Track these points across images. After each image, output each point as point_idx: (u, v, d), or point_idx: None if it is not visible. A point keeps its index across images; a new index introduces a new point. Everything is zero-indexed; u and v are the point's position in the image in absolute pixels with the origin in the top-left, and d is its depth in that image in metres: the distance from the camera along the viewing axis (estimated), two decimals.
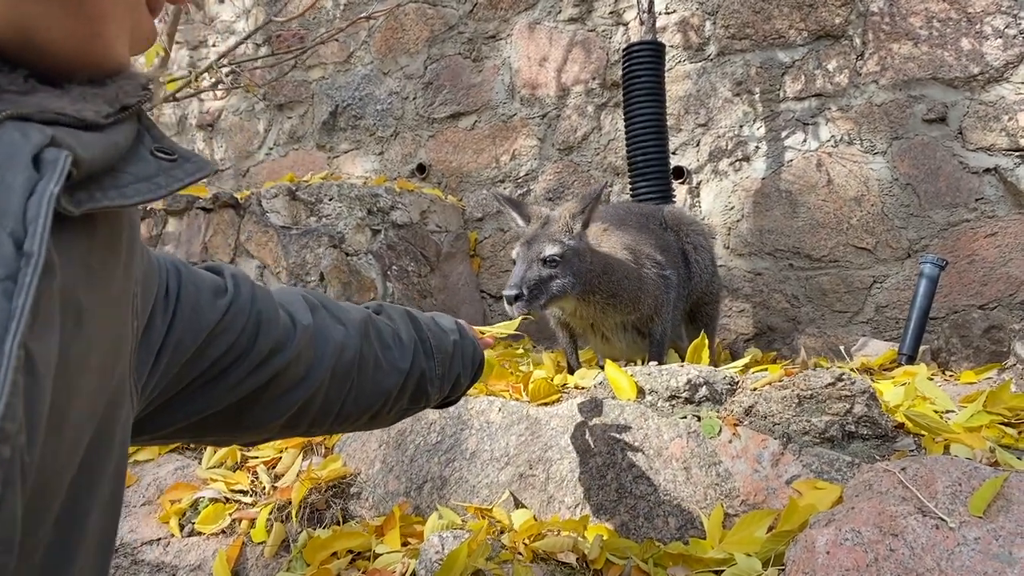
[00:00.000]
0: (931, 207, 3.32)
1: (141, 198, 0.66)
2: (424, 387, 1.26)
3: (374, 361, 1.16)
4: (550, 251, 2.16)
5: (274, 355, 0.98)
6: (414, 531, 1.70)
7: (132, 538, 1.82)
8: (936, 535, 1.27)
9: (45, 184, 0.55)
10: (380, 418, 1.24)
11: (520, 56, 4.22)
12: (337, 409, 1.12)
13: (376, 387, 1.17)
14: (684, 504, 1.61)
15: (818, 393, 1.67)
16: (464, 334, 1.38)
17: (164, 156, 0.71)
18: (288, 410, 1.04)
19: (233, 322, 0.93)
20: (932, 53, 3.34)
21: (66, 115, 0.62)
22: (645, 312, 2.38)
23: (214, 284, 0.94)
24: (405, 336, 1.24)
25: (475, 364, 1.40)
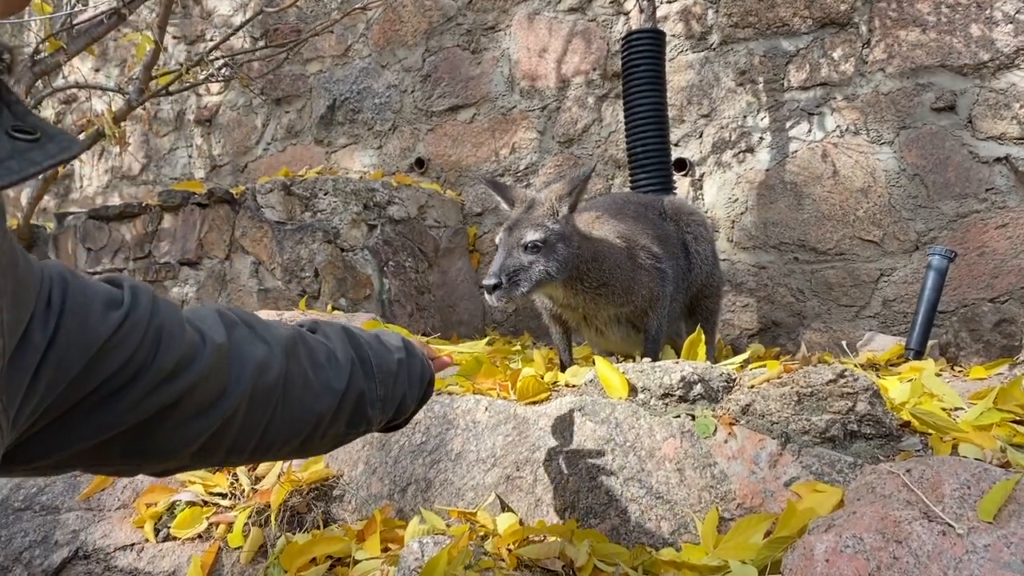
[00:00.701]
0: (940, 198, 3.23)
1: None
2: (363, 409, 1.17)
3: (303, 382, 1.06)
4: (531, 237, 2.05)
5: (178, 373, 0.89)
6: (396, 536, 1.63)
7: (105, 543, 1.75)
8: (943, 542, 1.19)
9: None
10: (312, 444, 1.14)
11: (519, 47, 4.14)
12: (259, 435, 1.02)
13: (306, 410, 1.07)
14: (677, 507, 1.53)
15: (819, 390, 1.58)
16: (412, 352, 1.29)
17: (23, 136, 0.65)
18: (200, 436, 0.94)
19: (128, 336, 0.84)
20: (940, 40, 3.24)
21: None
22: (639, 304, 2.29)
23: (107, 295, 0.85)
24: (341, 355, 1.15)
25: (423, 384, 1.30)
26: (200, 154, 5.26)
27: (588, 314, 2.29)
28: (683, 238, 2.65)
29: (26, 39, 5.81)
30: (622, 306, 2.27)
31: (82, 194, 5.81)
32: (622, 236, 2.35)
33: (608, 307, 2.26)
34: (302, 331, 1.13)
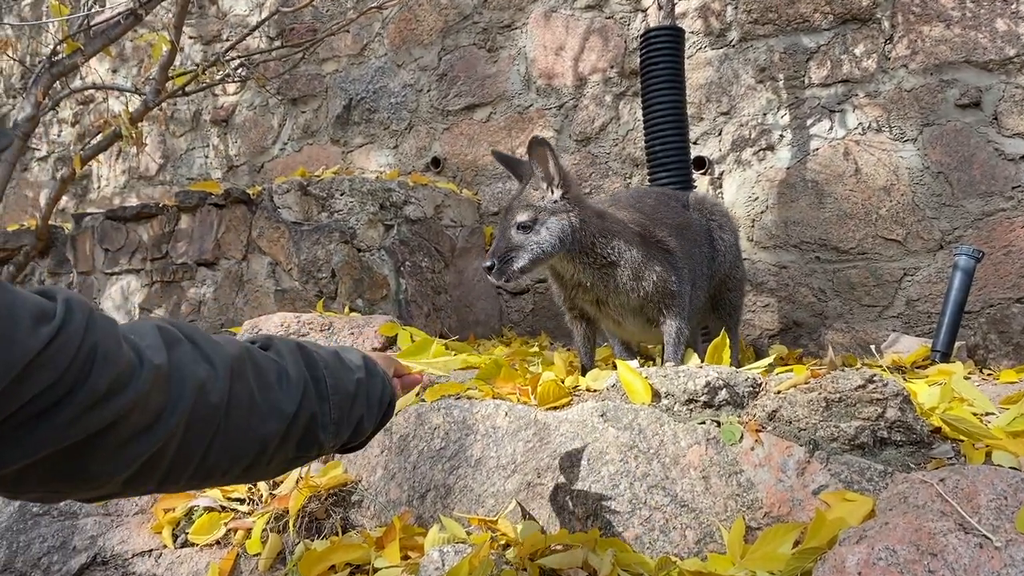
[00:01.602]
0: (964, 196, 3.17)
1: None
2: (315, 433, 1.10)
3: (248, 404, 1.00)
4: (520, 218, 2.17)
5: (111, 397, 0.83)
6: (415, 543, 1.61)
7: (123, 549, 1.74)
8: (980, 555, 1.15)
9: None
10: (258, 470, 1.07)
11: (536, 45, 4.11)
12: (197, 461, 0.96)
13: (250, 434, 1.01)
14: (702, 516, 1.50)
15: (847, 396, 1.55)
16: (372, 372, 1.22)
17: None
18: (133, 462, 0.89)
19: (59, 353, 0.79)
20: (965, 35, 3.18)
21: None
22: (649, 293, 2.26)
23: (37, 309, 0.79)
24: (293, 375, 1.08)
25: (382, 406, 1.23)
26: (217, 154, 5.26)
27: (601, 298, 2.28)
28: (708, 226, 2.64)
29: (44, 41, 5.84)
30: (632, 291, 2.25)
31: (99, 194, 5.83)
32: (638, 224, 2.35)
33: (618, 292, 2.25)
34: (252, 348, 1.07)
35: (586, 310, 2.38)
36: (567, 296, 2.37)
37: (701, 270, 2.52)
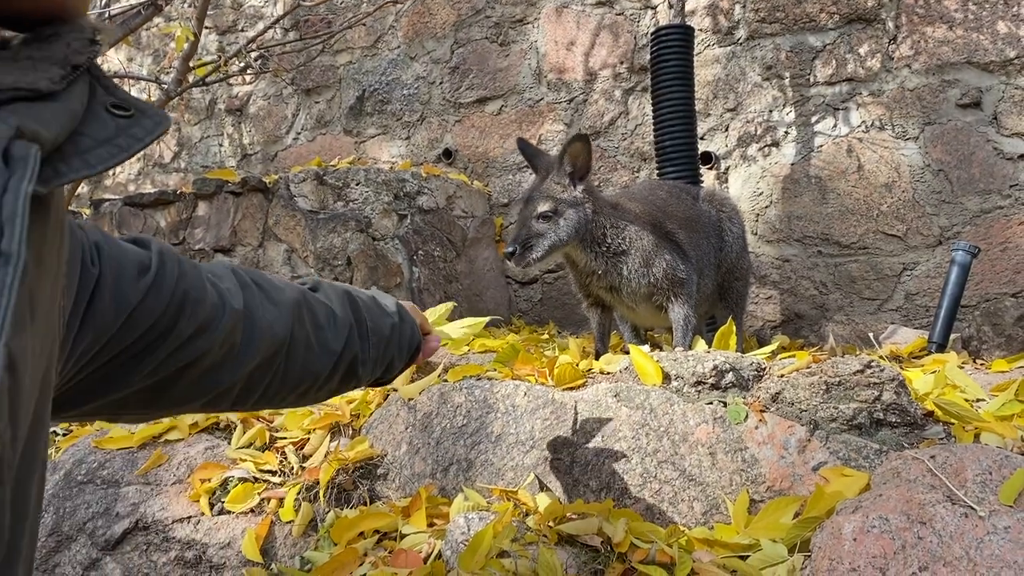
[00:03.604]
0: (963, 194, 3.27)
1: (104, 165, 0.64)
2: (355, 369, 1.23)
3: (305, 343, 1.12)
4: (541, 208, 2.29)
5: (198, 336, 0.94)
6: (440, 512, 1.72)
7: (163, 515, 1.85)
8: (965, 523, 1.26)
9: (18, 181, 0.54)
10: (308, 397, 1.21)
11: (547, 40, 4.20)
12: (261, 390, 1.09)
13: (305, 368, 1.14)
14: (709, 489, 1.61)
15: (846, 380, 1.65)
16: (404, 317, 1.35)
17: (120, 112, 0.68)
18: (211, 391, 1.01)
19: (156, 301, 0.88)
20: (967, 37, 3.27)
21: (21, 88, 0.60)
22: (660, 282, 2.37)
23: (138, 261, 0.88)
24: (340, 316, 1.20)
25: (411, 348, 1.36)
26: (231, 143, 5.36)
27: (614, 285, 2.40)
28: (718, 216, 2.76)
29: None
30: (642, 278, 2.36)
31: (115, 181, 5.93)
32: (649, 215, 2.46)
33: (629, 279, 2.37)
34: (306, 292, 1.18)
35: (601, 296, 2.49)
36: (582, 284, 2.48)
37: (708, 260, 2.64)
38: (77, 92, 0.65)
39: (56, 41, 0.65)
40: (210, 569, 1.77)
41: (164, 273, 0.90)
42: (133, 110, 0.69)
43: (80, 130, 0.64)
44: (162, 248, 0.93)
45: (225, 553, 1.78)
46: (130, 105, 0.69)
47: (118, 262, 0.85)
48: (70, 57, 0.65)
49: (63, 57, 0.64)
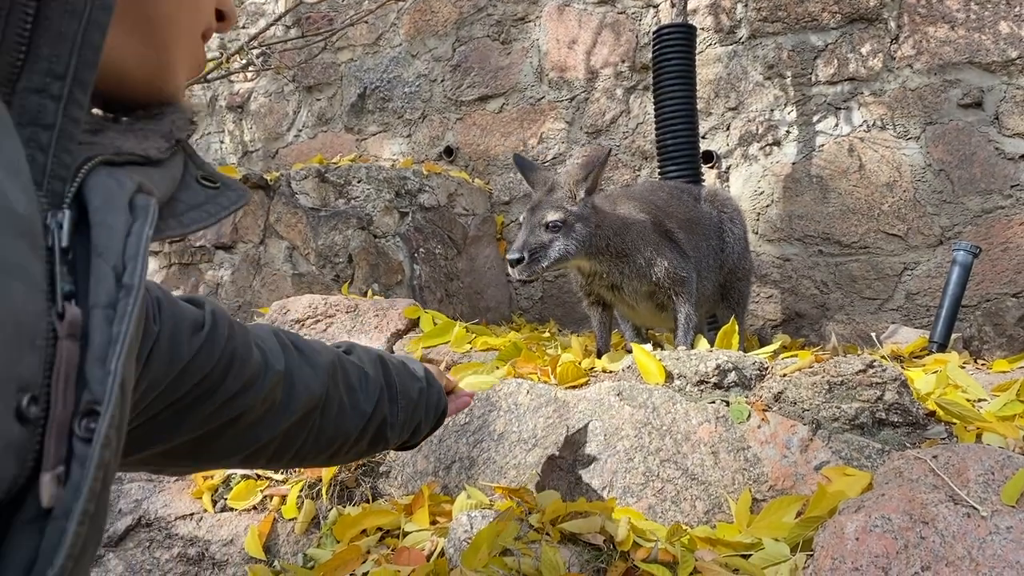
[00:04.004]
0: (965, 193, 3.27)
1: (196, 226, 0.73)
2: (384, 432, 1.28)
3: (338, 403, 1.18)
4: (552, 217, 2.21)
5: (243, 393, 1.00)
6: (442, 510, 1.72)
7: (166, 512, 1.86)
8: (967, 523, 1.27)
9: (140, 226, 0.62)
10: (338, 457, 1.27)
11: (549, 38, 4.20)
12: (296, 447, 1.14)
13: (337, 429, 1.19)
14: (711, 488, 1.61)
15: (848, 380, 1.66)
16: (431, 382, 1.39)
17: (208, 184, 0.77)
18: (250, 446, 1.06)
19: (207, 358, 0.94)
20: (969, 37, 3.28)
21: (135, 154, 0.69)
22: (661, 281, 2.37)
23: (193, 319, 0.95)
24: (372, 378, 1.26)
25: (437, 413, 1.41)
26: (232, 139, 5.35)
27: (616, 284, 2.39)
28: (719, 218, 2.76)
29: None
30: (643, 278, 2.36)
31: None
32: (648, 214, 2.45)
33: (631, 279, 2.36)
34: (340, 355, 1.24)
35: (603, 295, 2.48)
36: (585, 283, 2.48)
37: (708, 261, 2.64)
38: (176, 162, 0.75)
39: (162, 119, 0.75)
40: (213, 566, 1.78)
41: (216, 332, 0.96)
42: (220, 183, 0.79)
43: (176, 196, 0.73)
44: (215, 309, 1.00)
45: (228, 550, 1.78)
46: (217, 179, 0.79)
47: (175, 319, 0.92)
48: (174, 132, 0.75)
49: (168, 131, 0.74)
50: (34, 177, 0.58)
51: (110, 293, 0.58)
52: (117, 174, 0.64)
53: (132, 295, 0.59)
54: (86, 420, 0.56)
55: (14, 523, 0.53)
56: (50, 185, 0.60)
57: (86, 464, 0.54)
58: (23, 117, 0.59)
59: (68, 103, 0.61)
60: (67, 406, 0.55)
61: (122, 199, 0.62)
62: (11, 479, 0.51)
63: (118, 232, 0.60)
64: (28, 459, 0.53)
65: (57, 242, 0.58)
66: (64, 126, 0.61)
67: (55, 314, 0.56)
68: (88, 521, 0.55)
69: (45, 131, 0.60)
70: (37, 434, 0.53)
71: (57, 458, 0.54)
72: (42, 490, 0.53)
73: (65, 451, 0.55)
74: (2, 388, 0.49)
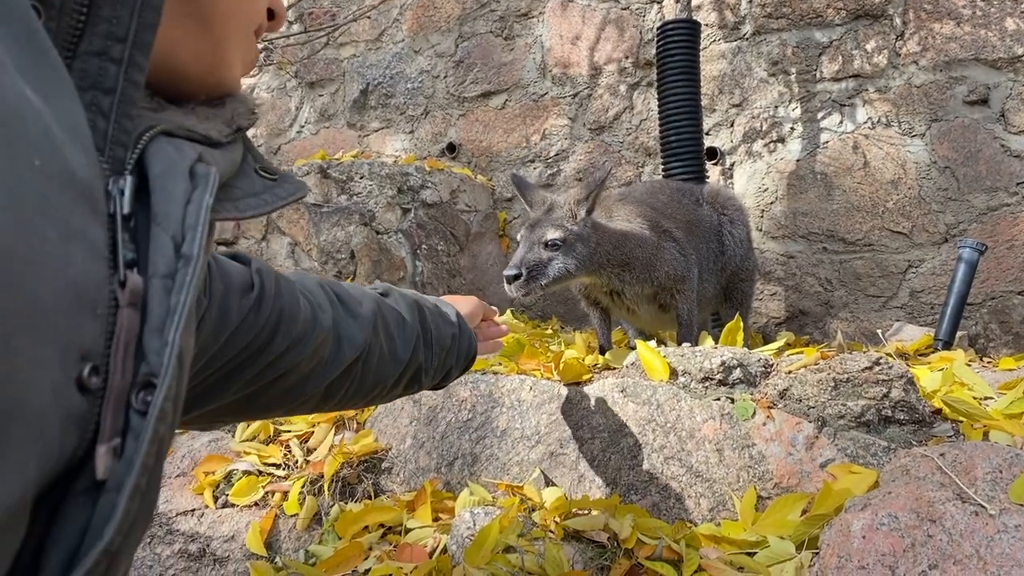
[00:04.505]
0: (970, 191, 3.26)
1: (252, 212, 0.73)
2: (419, 377, 1.30)
3: (379, 353, 1.19)
4: (551, 235, 2.14)
5: (291, 350, 1.01)
6: (445, 507, 1.71)
7: (167, 508, 1.85)
8: (975, 522, 1.25)
9: (201, 194, 0.61)
10: (375, 401, 1.30)
11: (552, 34, 4.18)
12: (339, 397, 1.17)
13: (377, 377, 1.21)
14: (716, 486, 1.60)
15: (854, 377, 1.64)
16: (463, 329, 1.42)
17: (267, 175, 0.78)
18: (295, 400, 1.08)
19: (256, 320, 0.95)
20: (975, 33, 3.26)
21: (196, 133, 0.69)
22: (661, 282, 2.34)
23: (242, 281, 0.95)
24: (409, 326, 1.27)
25: (467, 358, 1.43)
26: None
27: (615, 290, 2.36)
28: (719, 221, 2.72)
29: None
30: (645, 283, 2.33)
31: None
32: (644, 218, 2.42)
33: (633, 284, 2.34)
34: (380, 301, 1.24)
35: (600, 300, 2.46)
36: (586, 295, 2.46)
37: (708, 264, 2.61)
38: (236, 149, 0.76)
39: (223, 107, 0.76)
40: (214, 562, 1.77)
41: (264, 293, 0.97)
42: (278, 176, 0.79)
43: (233, 183, 0.73)
44: (261, 266, 1.00)
45: (229, 546, 1.77)
46: (275, 172, 0.79)
47: (224, 284, 0.92)
48: (235, 119, 0.76)
49: (230, 118, 0.76)
50: (96, 143, 0.58)
51: (169, 263, 0.58)
52: (178, 143, 0.64)
53: (191, 265, 0.58)
54: (143, 392, 0.55)
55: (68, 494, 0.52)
56: (112, 151, 0.60)
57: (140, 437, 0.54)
58: (84, 81, 0.59)
59: (129, 66, 0.60)
60: (125, 377, 0.55)
61: (183, 166, 0.62)
62: (71, 450, 0.51)
63: (177, 200, 0.60)
64: (88, 430, 0.52)
65: (119, 208, 0.57)
66: (125, 90, 0.60)
67: (117, 282, 0.55)
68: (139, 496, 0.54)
69: (106, 95, 0.60)
70: (96, 405, 0.53)
71: (114, 430, 0.54)
72: (97, 462, 0.52)
73: (122, 423, 0.54)
74: (64, 357, 0.49)
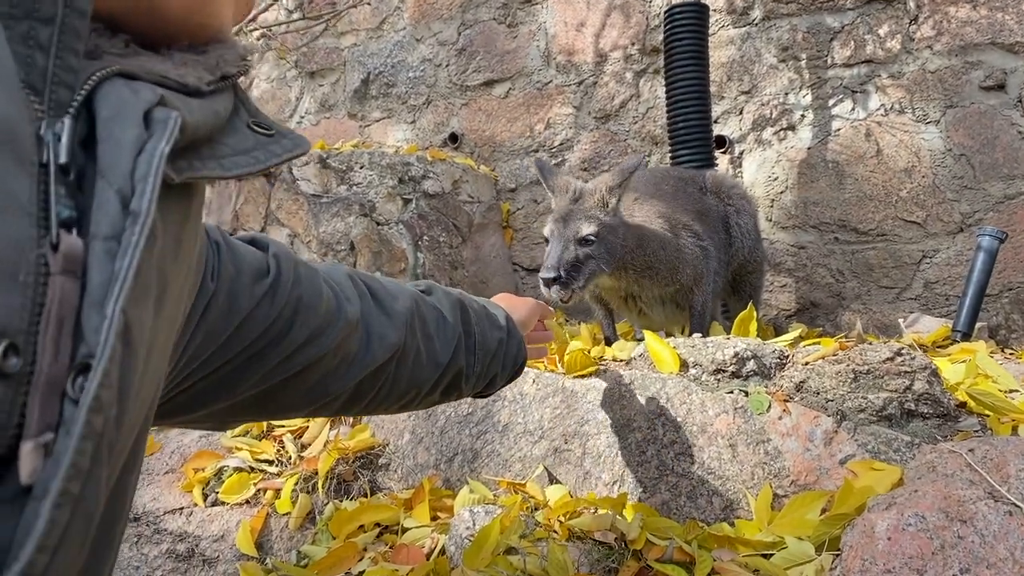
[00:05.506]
0: (986, 179, 3.16)
1: (240, 171, 0.65)
2: (459, 383, 1.19)
3: (415, 355, 1.09)
4: (587, 230, 2.04)
5: (311, 343, 0.91)
6: (444, 505, 1.64)
7: (154, 507, 1.77)
8: (1009, 522, 1.17)
9: (155, 143, 0.53)
10: (409, 407, 1.19)
11: (556, 21, 4.09)
12: (368, 399, 1.06)
13: (411, 379, 1.10)
14: (729, 483, 1.52)
15: (875, 368, 1.56)
16: (512, 333, 1.29)
17: (261, 131, 0.69)
18: (319, 399, 0.98)
19: (270, 307, 0.86)
20: (992, 16, 3.16)
21: (169, 78, 0.61)
22: (685, 283, 2.27)
23: (255, 266, 0.86)
24: (450, 327, 1.16)
25: (515, 365, 1.31)
26: None
27: (632, 294, 2.28)
28: (725, 211, 2.63)
29: None
30: (667, 286, 2.25)
31: None
32: (663, 216, 2.33)
33: (653, 288, 2.25)
34: (419, 299, 1.14)
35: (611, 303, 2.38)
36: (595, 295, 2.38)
37: (720, 258, 2.53)
38: (222, 101, 0.67)
39: (209, 53, 0.68)
40: (203, 563, 1.69)
41: (280, 278, 0.88)
42: (274, 131, 0.71)
43: (220, 139, 0.65)
44: (279, 251, 0.90)
45: (218, 546, 1.70)
46: (272, 126, 0.71)
47: (235, 267, 0.83)
48: (221, 66, 0.67)
49: (214, 64, 0.67)
50: (33, 82, 0.50)
51: (114, 222, 0.50)
52: (136, 86, 0.56)
53: (140, 224, 0.50)
54: (81, 378, 0.47)
55: None
56: (53, 92, 0.51)
57: (71, 432, 0.45)
58: (16, 8, 0.50)
59: None
60: (60, 359, 0.46)
61: (136, 110, 0.54)
62: None
63: (127, 148, 0.52)
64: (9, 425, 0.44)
65: (52, 157, 0.49)
66: (67, 20, 0.51)
67: (49, 244, 0.47)
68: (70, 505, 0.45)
69: (45, 26, 0.51)
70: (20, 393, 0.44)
71: (42, 424, 0.45)
72: (21, 462, 0.44)
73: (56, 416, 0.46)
74: None
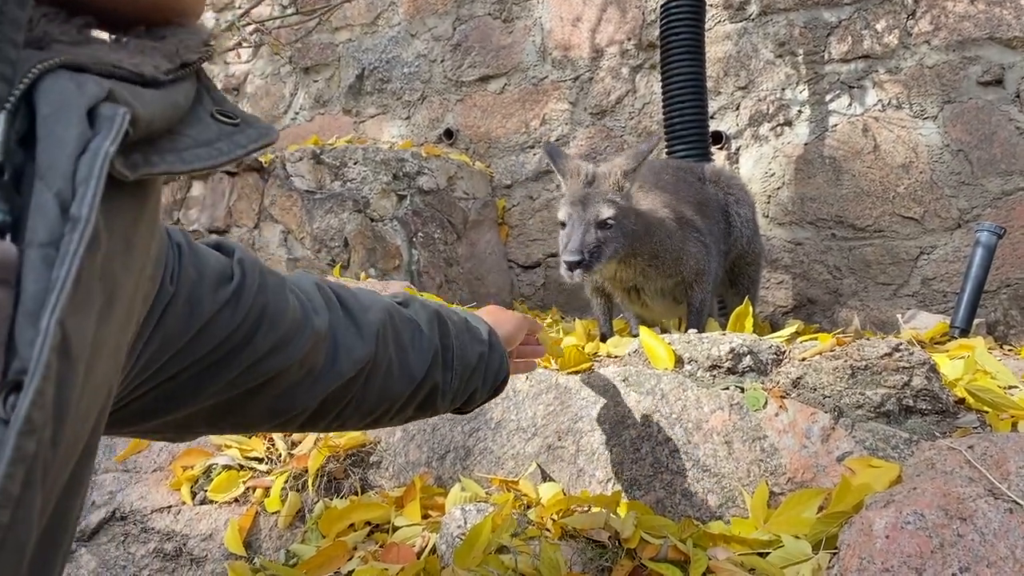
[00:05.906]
0: (984, 175, 3.14)
1: (201, 164, 0.61)
2: (434, 398, 1.14)
3: (386, 368, 1.04)
4: (606, 213, 2.06)
5: (275, 353, 0.87)
6: (435, 503, 1.61)
7: (142, 505, 1.75)
8: (1010, 520, 1.15)
9: (100, 141, 0.50)
10: (381, 423, 1.14)
11: (552, 16, 4.06)
12: (335, 414, 1.02)
13: (382, 393, 1.06)
14: (725, 481, 1.50)
15: (873, 364, 1.54)
16: (494, 347, 1.24)
17: (226, 120, 0.65)
18: (282, 414, 0.94)
19: (233, 314, 0.82)
20: (989, 11, 3.14)
21: (123, 68, 0.57)
22: (686, 276, 2.27)
23: (218, 270, 0.82)
24: (426, 339, 1.12)
25: (497, 381, 1.26)
26: None
27: (636, 286, 2.28)
28: (725, 200, 2.63)
29: None
30: (669, 277, 2.24)
31: None
32: (668, 206, 2.33)
33: (657, 279, 2.24)
34: (393, 310, 1.09)
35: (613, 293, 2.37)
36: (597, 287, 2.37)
37: (718, 246, 2.52)
38: (183, 89, 0.63)
39: (169, 38, 0.64)
40: (190, 562, 1.67)
41: (244, 285, 0.84)
42: (240, 120, 0.67)
43: (180, 130, 0.62)
44: (244, 257, 0.86)
45: (206, 545, 1.67)
46: (237, 115, 0.67)
47: (197, 270, 0.79)
48: (181, 52, 0.63)
49: (174, 51, 0.63)
50: None
51: (52, 227, 0.47)
52: (82, 79, 0.52)
53: (80, 230, 0.47)
54: (13, 396, 0.44)
55: None
56: None
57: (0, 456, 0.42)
58: None
59: None
60: None
61: (79, 105, 0.50)
62: None
63: (68, 148, 0.49)
64: None
65: None
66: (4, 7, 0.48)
67: None
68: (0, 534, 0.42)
69: None
70: None
71: None
72: None
73: None
74: None
